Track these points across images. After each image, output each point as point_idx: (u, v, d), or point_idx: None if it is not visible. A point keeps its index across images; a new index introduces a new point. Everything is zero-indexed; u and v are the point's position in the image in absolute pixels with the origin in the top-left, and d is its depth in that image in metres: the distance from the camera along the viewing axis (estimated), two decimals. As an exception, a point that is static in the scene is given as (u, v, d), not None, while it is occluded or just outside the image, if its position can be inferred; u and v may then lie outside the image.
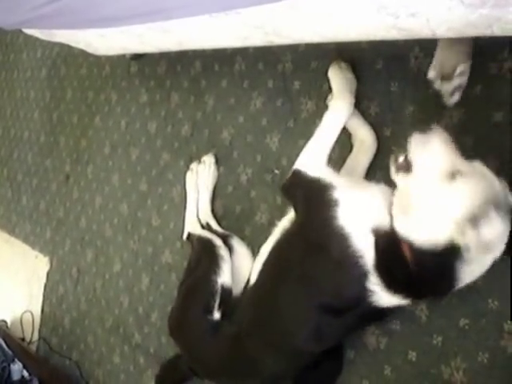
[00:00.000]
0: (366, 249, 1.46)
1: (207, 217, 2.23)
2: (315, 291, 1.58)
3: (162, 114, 2.60)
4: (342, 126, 1.69)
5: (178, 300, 2.08)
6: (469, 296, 1.53)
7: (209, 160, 2.27)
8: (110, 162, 2.88)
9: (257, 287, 1.82)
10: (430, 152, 1.40)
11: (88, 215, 2.98)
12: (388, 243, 1.44)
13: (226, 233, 2.14)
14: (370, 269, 1.46)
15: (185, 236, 2.26)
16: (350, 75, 1.79)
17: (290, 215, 1.75)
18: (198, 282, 1.98)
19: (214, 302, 1.87)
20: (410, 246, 1.39)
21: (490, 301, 1.49)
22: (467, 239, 1.30)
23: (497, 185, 1.34)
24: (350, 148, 1.81)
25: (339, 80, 1.78)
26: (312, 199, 1.62)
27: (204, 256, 2.03)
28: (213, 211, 2.25)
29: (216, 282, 1.89)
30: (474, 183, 1.34)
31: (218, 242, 2.03)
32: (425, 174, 1.40)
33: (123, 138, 2.82)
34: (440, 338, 1.58)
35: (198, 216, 2.26)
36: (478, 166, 1.37)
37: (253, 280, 1.85)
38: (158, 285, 2.48)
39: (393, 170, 1.48)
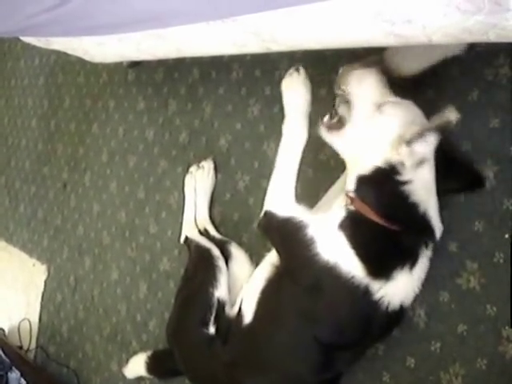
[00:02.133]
0: (354, 266, 1.47)
1: (205, 222, 2.23)
2: (319, 328, 1.56)
3: (159, 122, 2.60)
4: (300, 154, 1.67)
5: (174, 309, 2.07)
6: (467, 302, 1.53)
7: (208, 165, 2.27)
8: (107, 169, 2.88)
9: (254, 323, 1.75)
10: (364, 86, 1.53)
11: (86, 223, 2.98)
12: (359, 228, 1.49)
13: (224, 239, 2.14)
14: (366, 280, 1.46)
15: (182, 239, 2.26)
16: (303, 89, 1.70)
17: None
18: (195, 294, 1.96)
19: (211, 315, 1.85)
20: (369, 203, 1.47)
21: (488, 307, 1.49)
22: (401, 156, 1.41)
23: (420, 117, 1.47)
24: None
25: (290, 96, 1.71)
26: (289, 242, 1.63)
27: (201, 266, 2.02)
28: (211, 218, 2.25)
29: (213, 295, 1.88)
30: (400, 109, 1.48)
31: (216, 252, 2.02)
32: (361, 107, 1.52)
33: (121, 145, 2.82)
34: (438, 345, 1.58)
35: (195, 221, 2.26)
36: (407, 102, 1.50)
37: (247, 316, 1.77)
38: (155, 292, 2.47)
39: (323, 130, 1.59)
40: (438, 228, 1.49)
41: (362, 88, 1.53)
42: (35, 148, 3.51)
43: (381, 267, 1.47)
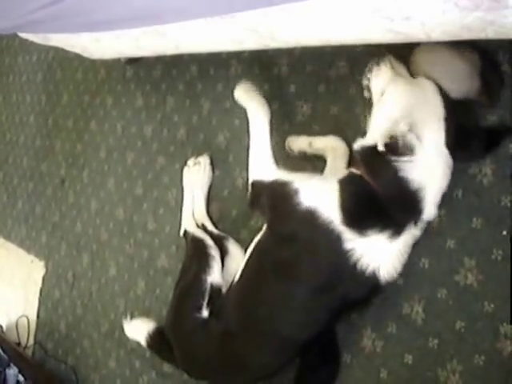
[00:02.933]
0: (333, 213, 1.54)
1: (202, 218, 2.23)
2: (295, 277, 1.65)
3: (157, 118, 2.60)
4: (268, 126, 1.81)
5: (171, 303, 2.09)
6: (465, 299, 1.53)
7: (204, 161, 2.27)
8: (105, 166, 2.88)
9: (239, 285, 1.86)
10: (378, 78, 1.62)
11: (83, 219, 2.98)
12: (352, 185, 1.57)
13: (222, 234, 2.15)
14: (341, 228, 1.52)
15: (181, 232, 2.26)
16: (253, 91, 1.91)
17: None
18: (189, 283, 2.00)
19: (203, 300, 1.90)
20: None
21: (485, 303, 1.50)
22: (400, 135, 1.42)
23: (430, 97, 1.50)
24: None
25: (246, 97, 1.90)
26: (276, 199, 1.72)
27: (195, 256, 2.05)
28: (209, 214, 2.25)
29: (205, 281, 1.92)
30: (398, 93, 1.54)
31: (210, 241, 2.06)
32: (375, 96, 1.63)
33: (119, 141, 2.81)
34: (436, 341, 1.59)
35: (193, 215, 2.26)
36: (421, 81, 1.55)
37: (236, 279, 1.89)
38: (153, 289, 2.47)
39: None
40: (428, 210, 1.50)
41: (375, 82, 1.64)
42: (33, 144, 3.50)
43: (357, 221, 1.53)
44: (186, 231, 2.23)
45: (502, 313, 1.46)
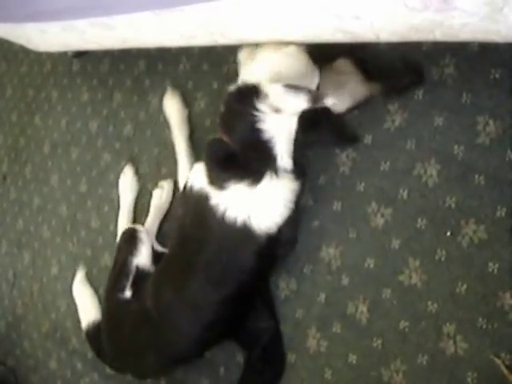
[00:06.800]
0: (203, 179, 1.65)
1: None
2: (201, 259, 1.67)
3: (103, 114, 2.56)
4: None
5: None
6: (408, 299, 1.54)
7: (168, 186, 2.19)
8: (49, 161, 2.82)
9: (159, 267, 1.88)
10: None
11: (25, 216, 2.91)
12: (211, 147, 1.68)
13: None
14: (208, 188, 1.63)
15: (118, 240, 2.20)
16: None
17: None
18: (115, 266, 2.03)
19: (127, 281, 1.93)
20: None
21: (429, 303, 1.51)
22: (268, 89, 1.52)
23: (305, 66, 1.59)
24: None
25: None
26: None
27: (125, 241, 2.06)
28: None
29: (131, 262, 1.95)
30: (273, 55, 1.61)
31: (140, 227, 2.07)
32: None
33: (63, 137, 2.76)
34: (380, 341, 1.59)
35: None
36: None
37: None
38: (96, 288, 2.42)
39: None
40: (283, 159, 1.56)
41: None
42: (-26, 138, 3.41)
43: (217, 177, 1.62)
44: None
45: (446, 313, 1.48)
